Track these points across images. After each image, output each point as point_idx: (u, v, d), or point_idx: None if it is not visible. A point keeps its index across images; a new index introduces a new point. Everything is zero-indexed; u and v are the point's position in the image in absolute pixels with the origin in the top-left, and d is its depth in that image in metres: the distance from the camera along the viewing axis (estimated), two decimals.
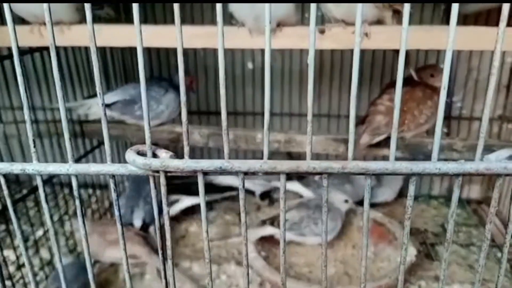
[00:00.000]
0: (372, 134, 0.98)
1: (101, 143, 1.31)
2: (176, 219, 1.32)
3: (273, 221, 1.16)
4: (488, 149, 0.41)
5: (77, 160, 1.20)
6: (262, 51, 1.26)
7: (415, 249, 1.04)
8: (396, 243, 1.09)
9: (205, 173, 0.34)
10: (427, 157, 1.06)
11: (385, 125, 0.98)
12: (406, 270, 0.99)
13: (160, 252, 0.38)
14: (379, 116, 0.99)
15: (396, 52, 1.16)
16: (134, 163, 0.34)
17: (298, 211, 1.15)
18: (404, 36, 0.30)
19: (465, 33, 0.75)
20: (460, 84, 1.37)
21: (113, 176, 0.36)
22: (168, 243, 0.37)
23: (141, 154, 0.35)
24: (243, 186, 0.34)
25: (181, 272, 1.06)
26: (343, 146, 1.07)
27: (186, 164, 0.33)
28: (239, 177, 0.34)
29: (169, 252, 0.38)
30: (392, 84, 1.10)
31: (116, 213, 0.37)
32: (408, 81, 1.02)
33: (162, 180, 0.35)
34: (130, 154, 0.35)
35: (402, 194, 1.41)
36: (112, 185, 0.36)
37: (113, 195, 0.37)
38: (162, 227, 0.37)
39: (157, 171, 0.34)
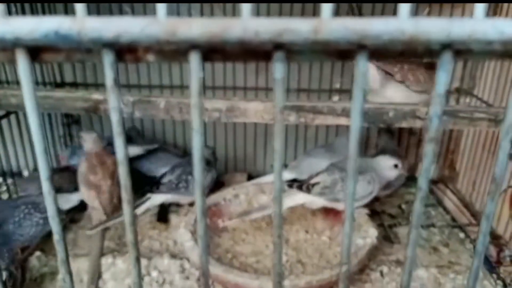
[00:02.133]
0: None
1: (3, 115, 1.07)
2: None
3: (301, 185, 0.98)
4: None
5: None
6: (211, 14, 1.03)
7: (376, 230, 0.92)
8: (353, 225, 0.96)
9: (34, 51, 0.16)
10: (388, 125, 0.94)
11: None
12: (366, 255, 0.86)
13: None
14: None
15: None
16: None
17: (328, 173, 0.98)
18: None
19: None
20: None
21: None
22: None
23: None
24: (116, 82, 0.17)
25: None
26: (294, 114, 0.92)
27: None
28: (104, 59, 0.17)
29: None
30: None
31: None
32: None
33: None
34: None
35: None
36: None
37: None
38: None
39: None
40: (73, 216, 1.09)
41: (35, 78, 1.13)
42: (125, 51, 0.17)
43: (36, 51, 0.17)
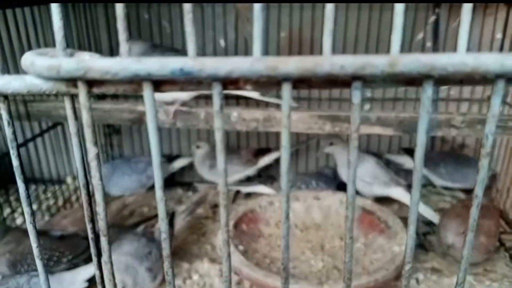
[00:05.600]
0: None
1: (51, 126, 1.14)
2: None
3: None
4: None
5: (23, 145, 1.03)
6: (236, 27, 1.11)
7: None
8: (389, 232, 0.97)
9: (157, 83, 0.20)
10: None
11: None
12: (403, 262, 0.87)
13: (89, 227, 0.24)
14: None
15: None
16: (33, 67, 0.20)
17: None
18: None
19: None
20: None
21: (5, 97, 0.22)
22: (101, 214, 0.23)
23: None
24: (221, 107, 0.21)
25: None
26: (329, 124, 0.95)
27: (121, 64, 0.19)
28: (214, 90, 0.20)
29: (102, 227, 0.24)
30: None
31: (15, 163, 0.23)
32: None
33: (83, 99, 0.21)
34: (28, 56, 0.20)
35: None
36: (4, 114, 0.22)
37: (8, 133, 0.23)
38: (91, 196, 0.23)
39: (75, 81, 0.20)
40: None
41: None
42: (228, 82, 0.20)
43: (157, 84, 0.20)
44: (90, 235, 0.24)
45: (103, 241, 0.23)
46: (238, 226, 1.01)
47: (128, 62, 0.19)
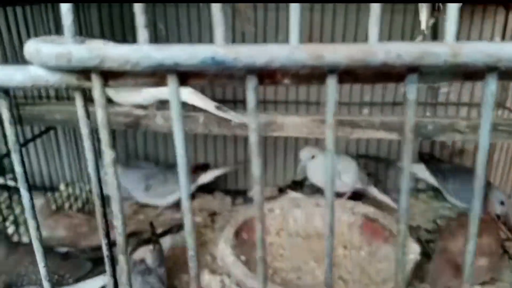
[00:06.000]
0: None
1: (44, 131, 1.11)
2: None
3: None
4: None
5: None
6: (233, 27, 1.07)
7: (419, 246, 0.91)
8: (394, 241, 0.95)
9: (183, 76, 0.18)
10: (426, 139, 0.94)
11: None
12: (411, 271, 0.85)
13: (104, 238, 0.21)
14: None
15: None
16: (39, 56, 0.17)
17: None
18: None
19: None
20: None
21: (5, 91, 0.19)
22: (120, 229, 0.21)
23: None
24: (256, 105, 0.18)
25: None
26: None
27: (141, 52, 0.16)
28: (248, 83, 0.18)
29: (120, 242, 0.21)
30: None
31: (18, 169, 0.20)
32: None
33: (98, 93, 0.18)
34: (32, 43, 0.18)
35: None
36: (5, 113, 0.19)
37: (10, 134, 0.20)
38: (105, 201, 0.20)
39: (88, 72, 0.17)
40: None
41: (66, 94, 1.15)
42: (265, 75, 0.18)
43: (184, 76, 0.18)
44: (106, 253, 0.21)
45: (121, 260, 0.20)
46: (238, 235, 0.98)
47: (149, 49, 0.16)
